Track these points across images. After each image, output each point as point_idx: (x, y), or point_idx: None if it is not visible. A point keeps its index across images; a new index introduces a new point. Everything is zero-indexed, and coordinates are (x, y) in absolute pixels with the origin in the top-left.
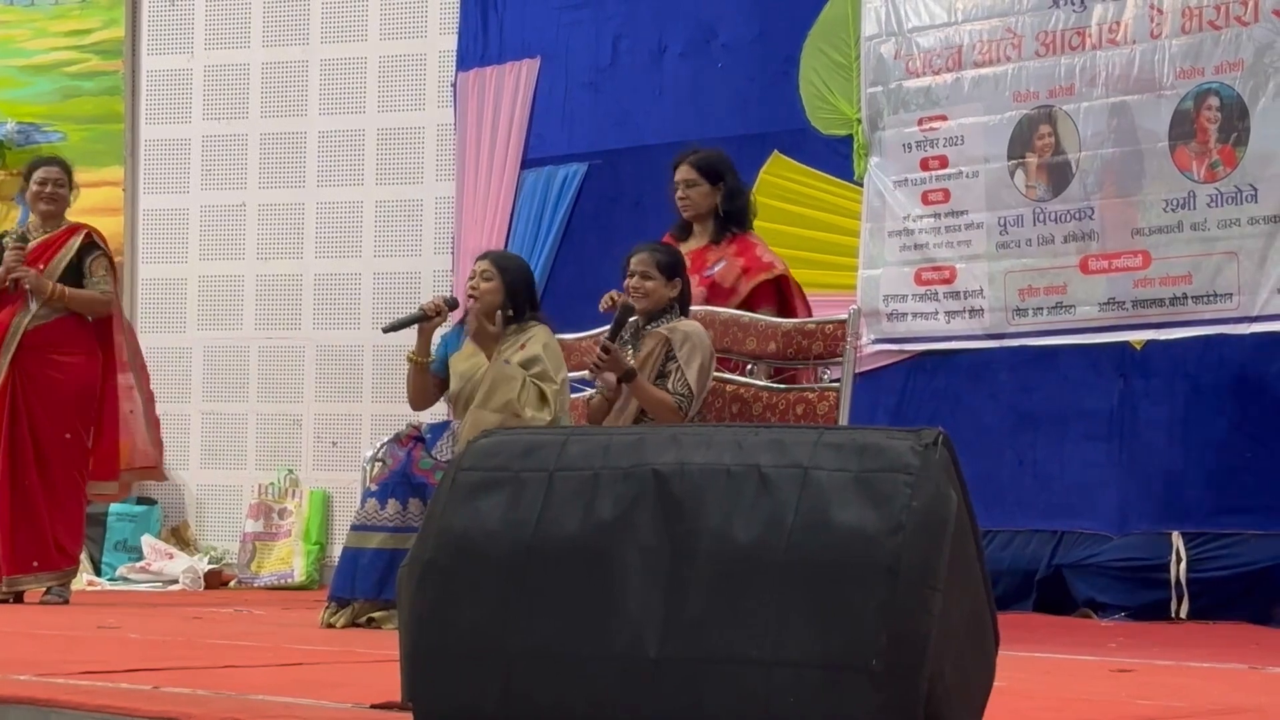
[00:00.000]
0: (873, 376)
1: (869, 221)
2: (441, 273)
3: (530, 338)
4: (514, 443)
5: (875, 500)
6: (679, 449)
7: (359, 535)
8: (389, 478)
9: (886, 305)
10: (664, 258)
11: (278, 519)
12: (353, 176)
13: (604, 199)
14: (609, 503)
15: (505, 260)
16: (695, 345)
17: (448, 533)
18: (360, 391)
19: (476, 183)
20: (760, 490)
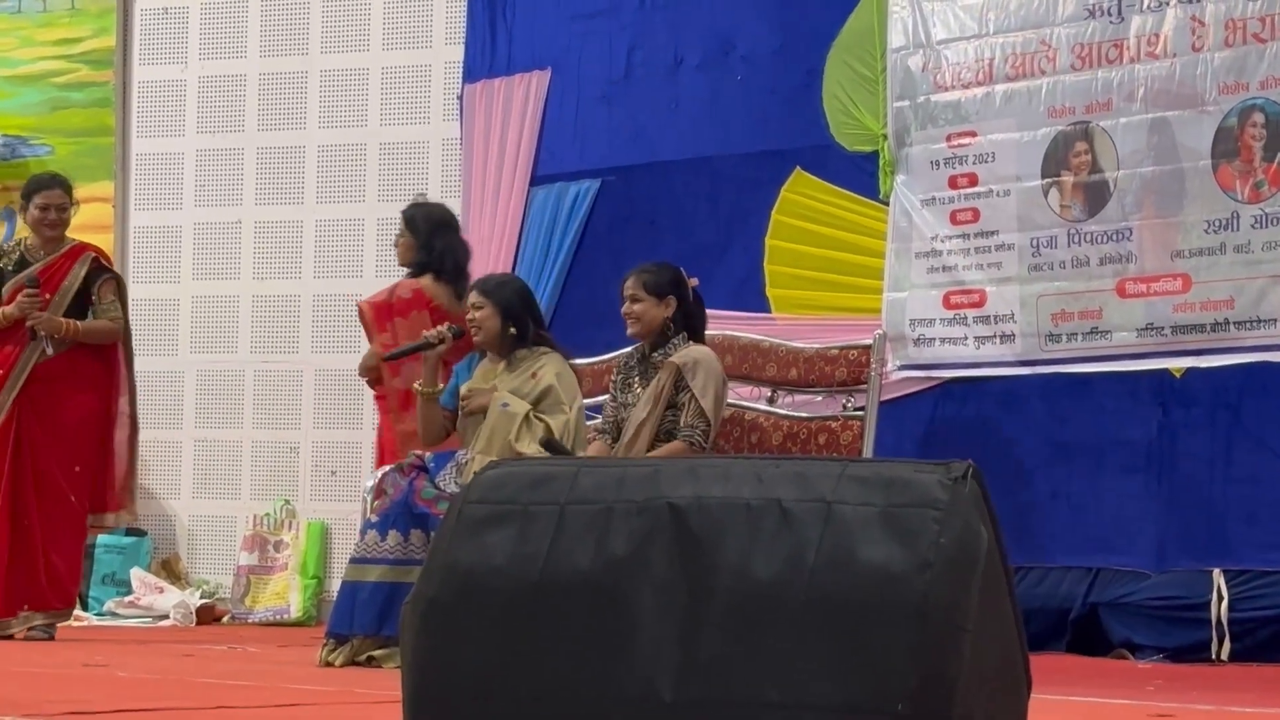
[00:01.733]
0: (899, 405)
1: (895, 242)
2: None
3: (542, 366)
4: (523, 474)
5: (902, 537)
6: (696, 482)
7: (358, 568)
8: (390, 508)
9: (913, 330)
10: (652, 276)
11: (273, 551)
12: (354, 193)
13: (617, 217)
14: (622, 538)
15: (492, 285)
16: (708, 373)
17: (453, 568)
18: (360, 418)
19: (483, 200)
20: (781, 525)
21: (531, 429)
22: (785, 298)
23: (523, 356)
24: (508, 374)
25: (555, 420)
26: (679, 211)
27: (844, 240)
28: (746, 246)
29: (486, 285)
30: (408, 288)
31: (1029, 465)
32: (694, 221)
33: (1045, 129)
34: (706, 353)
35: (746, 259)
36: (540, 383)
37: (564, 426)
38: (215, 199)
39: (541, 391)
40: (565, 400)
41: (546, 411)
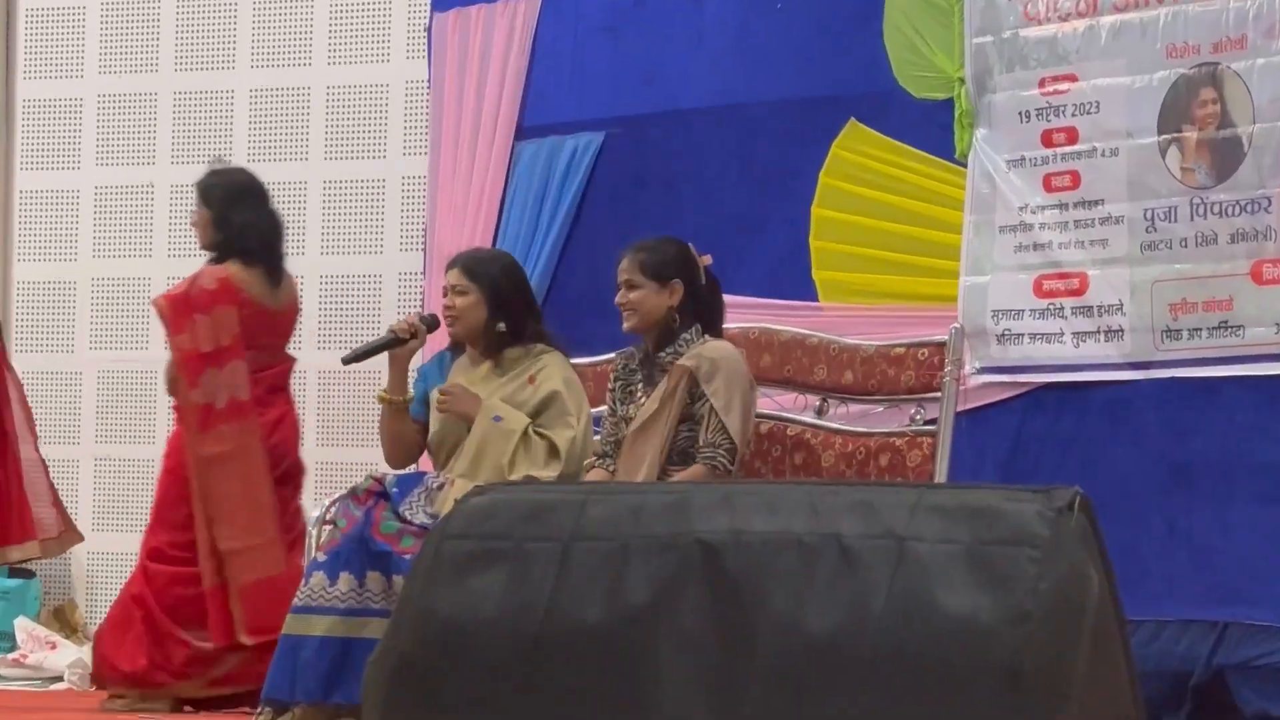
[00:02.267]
0: (979, 417)
1: (974, 213)
2: (410, 275)
3: (542, 369)
4: (517, 503)
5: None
6: (733, 513)
7: (301, 620)
8: (341, 544)
9: (997, 323)
10: (651, 255)
11: None
12: (294, 149)
13: (625, 178)
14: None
15: (481, 263)
16: (730, 377)
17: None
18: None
19: (457, 157)
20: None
21: (530, 450)
22: (836, 282)
23: (516, 356)
24: (496, 377)
25: (560, 437)
26: (702, 173)
27: (910, 210)
28: (788, 218)
29: (469, 262)
30: (211, 276)
31: (1140, 493)
32: (721, 186)
33: (1163, 72)
34: (727, 350)
35: (787, 233)
36: (540, 389)
37: (571, 445)
38: (122, 156)
39: (542, 400)
40: (573, 411)
41: (548, 425)
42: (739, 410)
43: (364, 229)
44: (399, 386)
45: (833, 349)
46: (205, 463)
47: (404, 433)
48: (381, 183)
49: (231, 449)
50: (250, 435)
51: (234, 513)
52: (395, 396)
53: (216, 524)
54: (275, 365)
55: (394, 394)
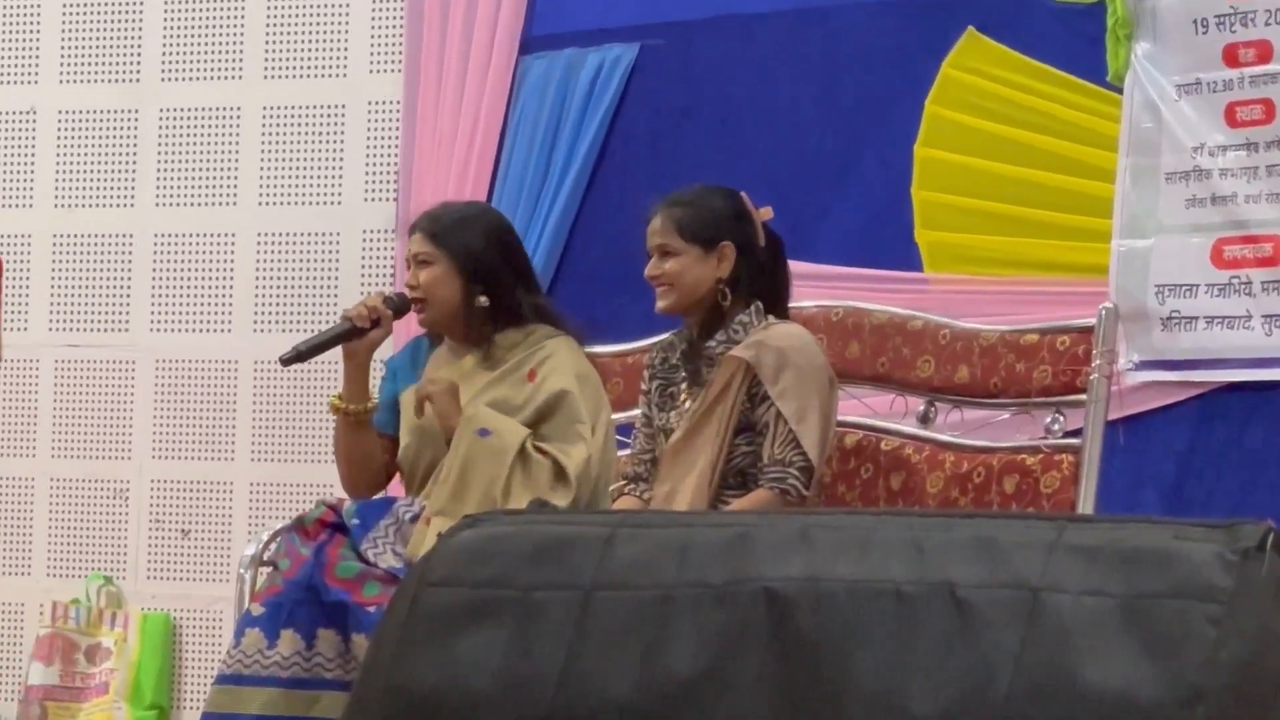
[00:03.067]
0: (1137, 427)
1: (1132, 154)
2: (377, 234)
3: (545, 359)
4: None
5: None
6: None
7: (230, 693)
8: (284, 593)
9: (1162, 303)
10: (690, 212)
11: (85, 663)
12: (224, 65)
13: (666, 105)
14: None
15: (449, 225)
16: (803, 371)
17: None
18: (231, 441)
19: (442, 78)
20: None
21: (530, 472)
22: (947, 246)
23: (509, 344)
24: (485, 372)
25: (570, 454)
26: (769, 100)
27: (1046, 151)
28: (882, 159)
29: (432, 223)
30: None
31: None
32: (794, 117)
33: None
34: (799, 337)
35: (882, 181)
36: (544, 387)
37: (584, 466)
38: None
39: (546, 403)
40: (586, 418)
41: (554, 437)
42: (816, 417)
43: (316, 171)
44: (358, 391)
45: (942, 336)
46: None
47: (367, 452)
48: (340, 109)
49: None
50: None
51: None
52: (354, 404)
53: None
54: None
55: (352, 401)
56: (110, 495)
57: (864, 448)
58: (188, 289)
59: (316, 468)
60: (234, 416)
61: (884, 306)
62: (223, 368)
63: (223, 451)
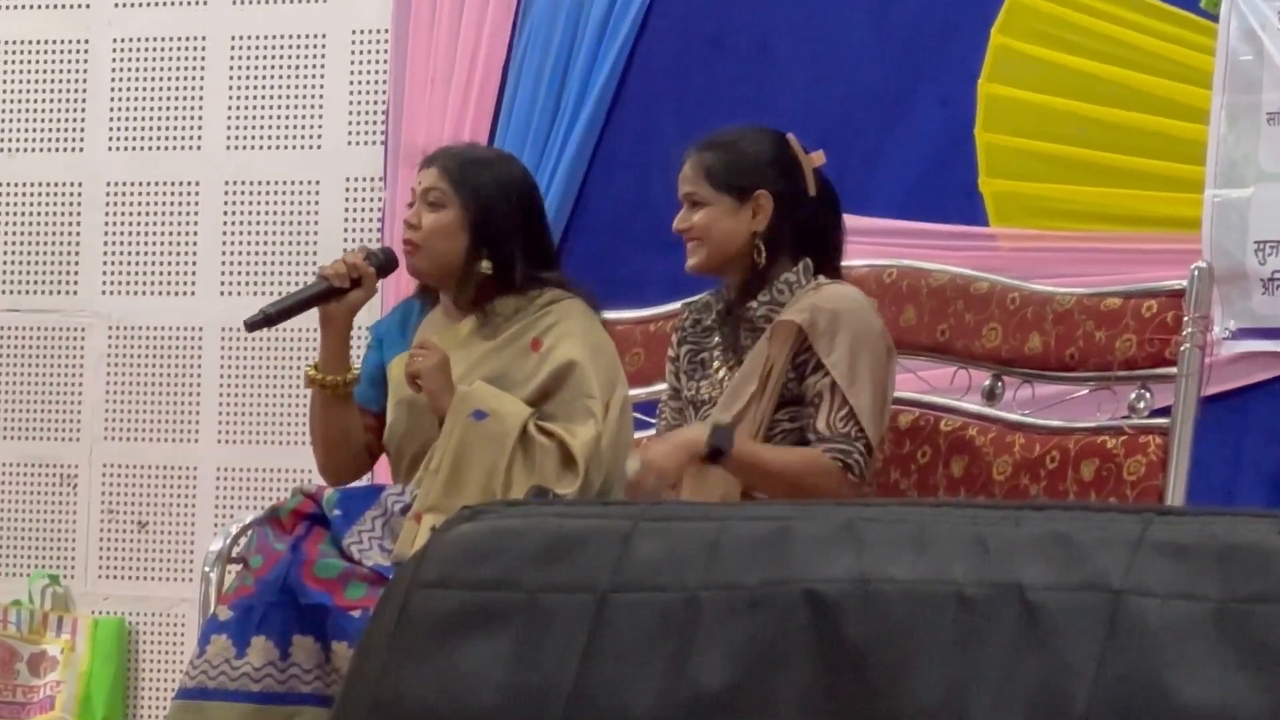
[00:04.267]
0: (1235, 404)
1: (1229, 92)
2: (363, 181)
3: (551, 327)
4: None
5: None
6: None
7: (192, 708)
8: (256, 595)
9: (1263, 262)
10: (723, 157)
11: (29, 675)
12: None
13: (695, 34)
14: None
15: (471, 164)
16: (859, 336)
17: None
18: (195, 419)
19: (436, 3)
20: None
21: (532, 458)
22: (1016, 197)
23: (512, 309)
24: (482, 341)
25: (578, 434)
26: (808, 26)
27: (1129, 87)
28: (943, 97)
29: (453, 160)
30: None
31: None
32: (844, 49)
33: None
34: (853, 299)
35: (941, 121)
36: (549, 359)
37: (592, 448)
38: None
39: (552, 376)
40: (597, 393)
41: (561, 415)
42: (871, 387)
43: (292, 109)
44: (337, 361)
45: (1011, 299)
46: None
47: (345, 428)
48: (319, 39)
49: None
50: None
51: None
52: (331, 375)
53: None
54: None
55: (329, 371)
56: (56, 482)
57: (921, 428)
58: (145, 246)
59: (293, 451)
60: (198, 392)
61: (944, 266)
62: (185, 335)
63: (186, 432)
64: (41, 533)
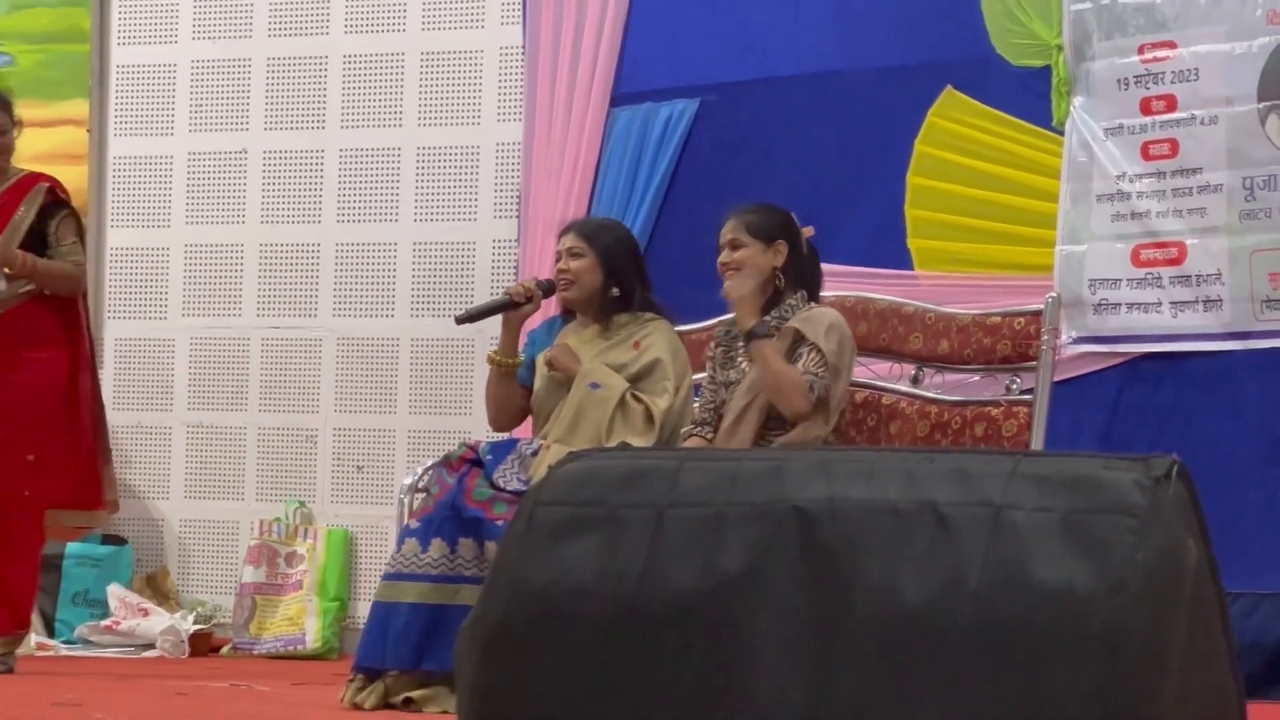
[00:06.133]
0: (1075, 387)
1: (1071, 181)
2: (504, 242)
3: (648, 335)
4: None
5: (1089, 550)
6: (829, 480)
7: (392, 587)
8: (434, 512)
9: (1094, 293)
10: (757, 218)
11: (285, 566)
12: (388, 115)
13: (721, 145)
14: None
15: (597, 229)
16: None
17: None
18: (394, 399)
19: (551, 124)
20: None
21: (628, 416)
22: (932, 250)
23: (624, 322)
24: (601, 341)
25: (657, 403)
26: (798, 140)
27: (1006, 179)
28: (883, 186)
29: (586, 228)
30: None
31: (1239, 465)
32: (817, 153)
33: (1264, 39)
34: (834, 314)
35: (883, 201)
36: (644, 355)
37: (666, 413)
38: (215, 123)
39: (644, 366)
40: (672, 378)
41: (647, 391)
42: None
43: (458, 196)
44: (510, 349)
45: (928, 318)
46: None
47: (510, 396)
48: (476, 149)
49: None
50: None
51: None
52: (505, 359)
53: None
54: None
55: (504, 356)
56: (303, 440)
57: (869, 403)
58: (361, 285)
59: (458, 418)
60: (396, 381)
61: (884, 296)
62: (387, 344)
63: (388, 406)
64: (294, 473)
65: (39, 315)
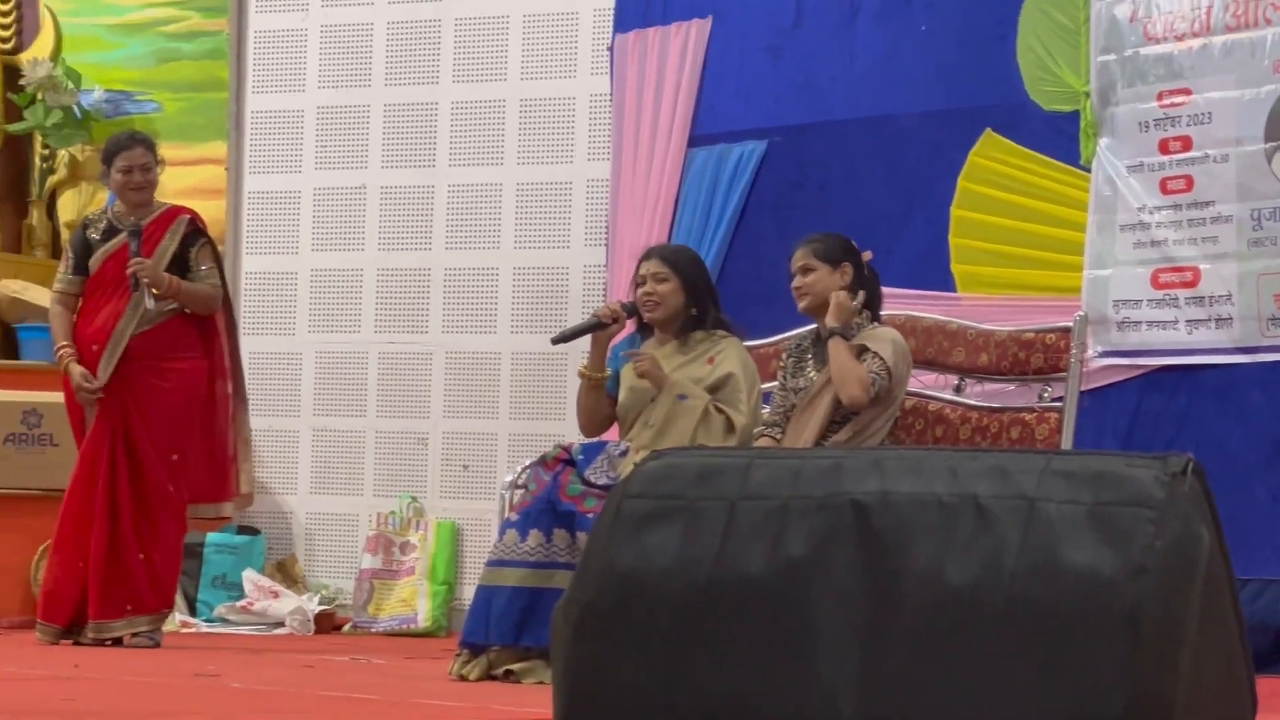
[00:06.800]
0: (1100, 395)
1: (1097, 213)
2: (593, 267)
3: (721, 351)
4: (688, 466)
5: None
6: (882, 476)
7: (495, 572)
8: (531, 505)
9: (1117, 312)
10: (823, 244)
11: (399, 554)
12: (491, 155)
13: (785, 182)
14: (800, 538)
15: (678, 255)
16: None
17: (611, 571)
18: (496, 406)
19: (636, 162)
20: (977, 525)
21: (710, 425)
22: (973, 275)
23: (699, 339)
24: (679, 356)
25: (737, 415)
26: (854, 177)
27: (1039, 211)
28: (929, 217)
29: (668, 254)
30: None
31: (1246, 465)
32: (870, 188)
33: (1270, 87)
34: (895, 334)
35: (929, 231)
36: (718, 369)
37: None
38: (338, 161)
39: (719, 379)
40: (743, 391)
41: (725, 402)
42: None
43: (553, 226)
44: (599, 365)
45: (969, 334)
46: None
47: (599, 405)
48: (568, 185)
49: None
50: None
51: None
52: (595, 373)
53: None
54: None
55: (594, 370)
56: (415, 443)
57: (918, 409)
58: (467, 305)
59: (552, 423)
60: (497, 390)
61: (930, 315)
62: (490, 358)
63: (490, 413)
64: (407, 471)
65: (180, 330)
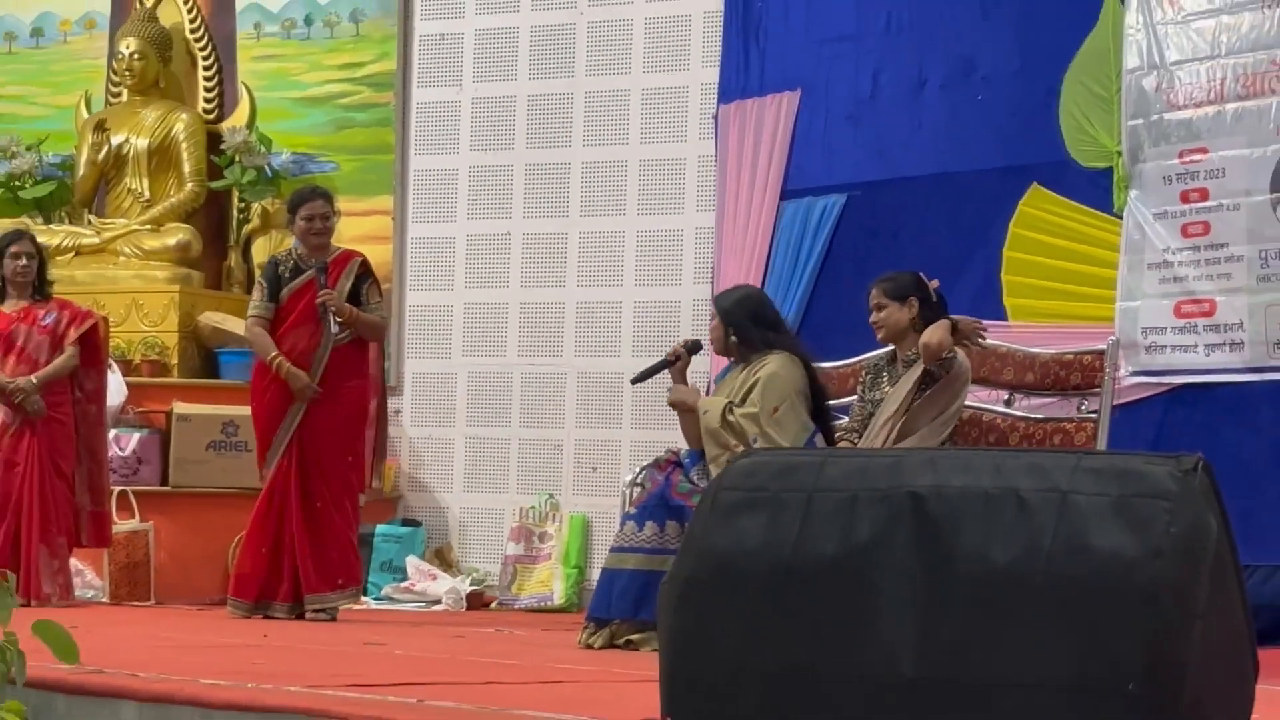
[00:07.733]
0: (1131, 408)
1: (1128, 254)
2: (700, 302)
3: (764, 365)
4: (772, 463)
5: (1134, 525)
6: (936, 472)
7: (617, 557)
8: (647, 500)
9: (1145, 337)
10: (892, 283)
11: (538, 542)
12: (615, 206)
13: (862, 230)
14: (866, 524)
15: (721, 299)
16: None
17: (708, 551)
18: (619, 418)
19: (736, 213)
20: (1018, 513)
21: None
22: (1022, 306)
23: (755, 359)
24: (742, 374)
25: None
26: (921, 225)
27: (1079, 252)
28: (985, 258)
29: (719, 300)
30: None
31: (1256, 468)
32: (935, 234)
33: (1275, 146)
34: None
35: (985, 270)
36: (752, 378)
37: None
38: (486, 212)
39: (751, 385)
40: (759, 396)
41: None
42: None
43: (666, 266)
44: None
45: (1018, 355)
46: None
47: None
48: (680, 232)
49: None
50: None
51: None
52: None
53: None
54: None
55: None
56: (552, 448)
57: (973, 419)
58: (595, 333)
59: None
60: (620, 405)
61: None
62: (615, 378)
63: (615, 423)
64: (545, 473)
65: (351, 354)
